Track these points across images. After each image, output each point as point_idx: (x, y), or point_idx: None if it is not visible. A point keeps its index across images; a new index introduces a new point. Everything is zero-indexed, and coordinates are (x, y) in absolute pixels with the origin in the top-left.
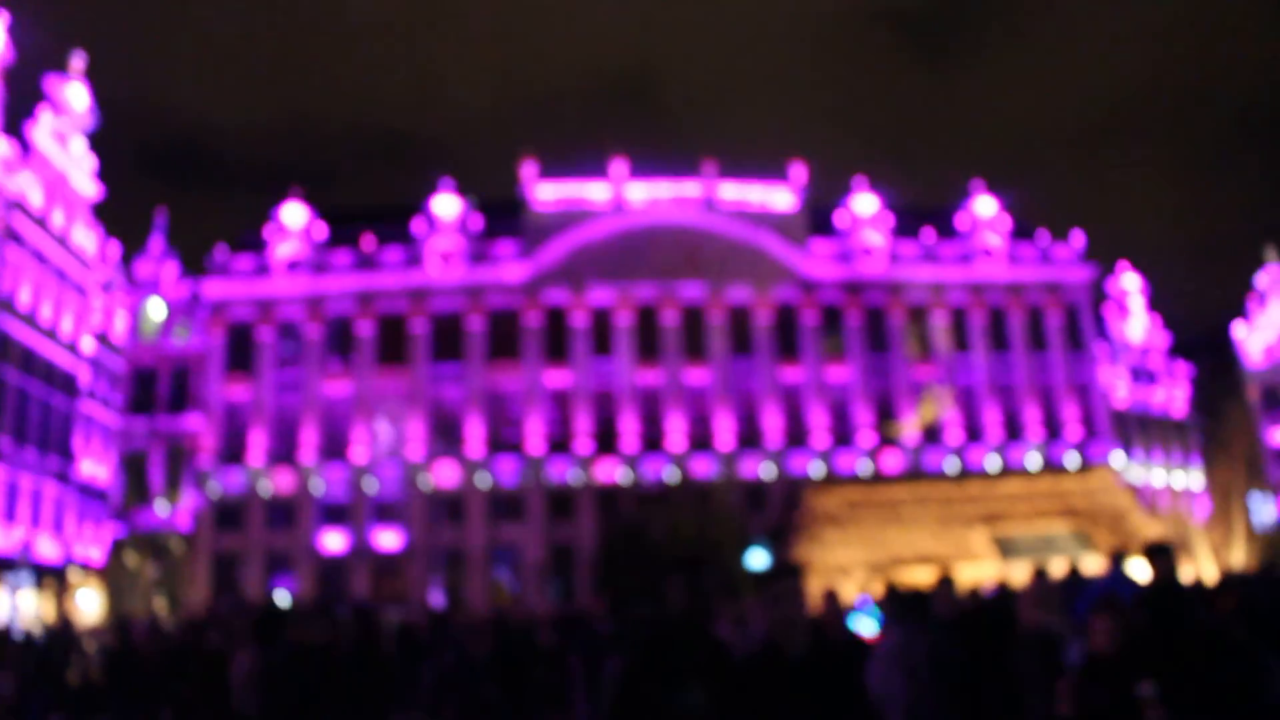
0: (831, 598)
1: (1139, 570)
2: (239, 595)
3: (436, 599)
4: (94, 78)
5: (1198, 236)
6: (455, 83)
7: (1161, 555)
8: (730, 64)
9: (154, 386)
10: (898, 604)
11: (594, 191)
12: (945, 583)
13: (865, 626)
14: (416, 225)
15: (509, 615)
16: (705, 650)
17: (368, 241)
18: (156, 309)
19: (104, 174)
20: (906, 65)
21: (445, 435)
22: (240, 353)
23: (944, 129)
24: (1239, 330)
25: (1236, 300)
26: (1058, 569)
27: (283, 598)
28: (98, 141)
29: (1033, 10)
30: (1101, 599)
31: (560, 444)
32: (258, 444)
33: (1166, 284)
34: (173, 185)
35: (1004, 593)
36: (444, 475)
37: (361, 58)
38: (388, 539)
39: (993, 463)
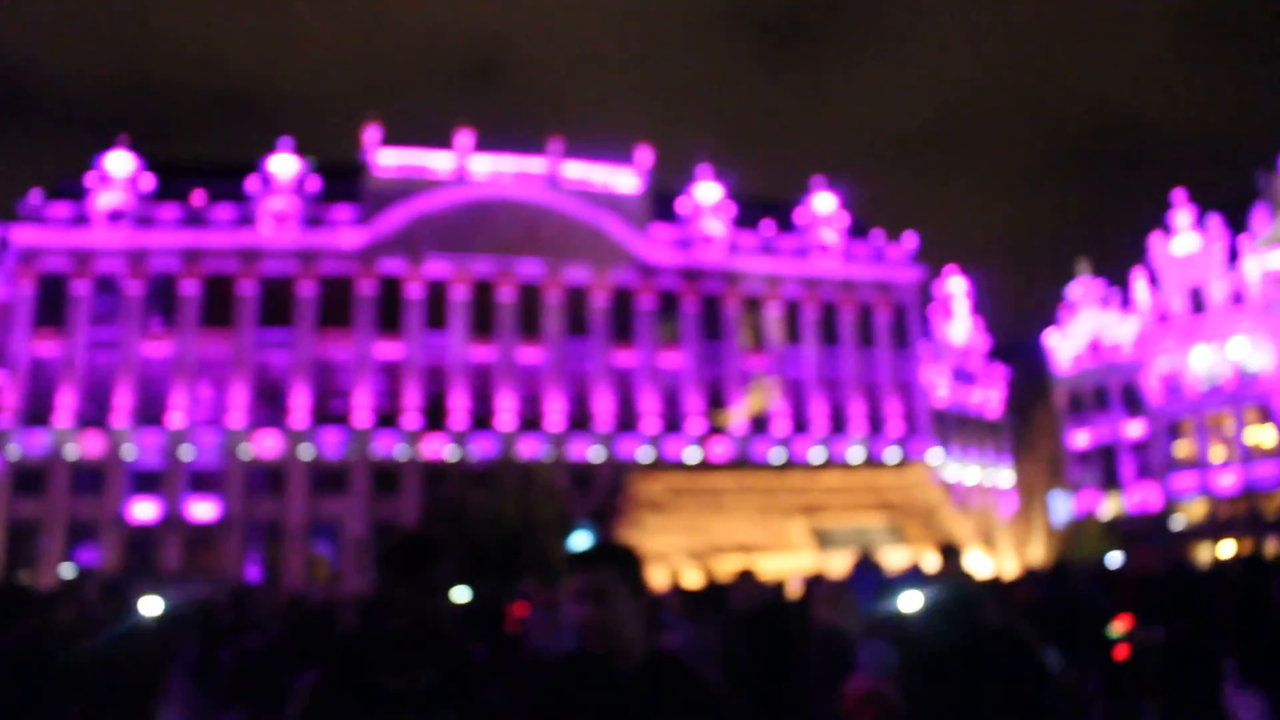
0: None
1: (930, 565)
2: None
3: (253, 574)
4: None
5: (1020, 245)
6: (305, 49)
7: (950, 554)
8: (581, 48)
9: None
10: (690, 599)
11: (437, 161)
12: (744, 576)
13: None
14: (251, 184)
15: (305, 596)
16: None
17: (198, 197)
18: None
19: None
20: (754, 63)
21: (269, 403)
22: (51, 306)
23: (788, 126)
24: (1051, 338)
25: (1050, 309)
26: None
27: (69, 570)
28: None
29: (878, 18)
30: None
31: (388, 418)
32: (65, 404)
33: (989, 289)
34: None
35: (809, 586)
36: (266, 445)
37: (210, 16)
38: (203, 510)
39: (817, 455)
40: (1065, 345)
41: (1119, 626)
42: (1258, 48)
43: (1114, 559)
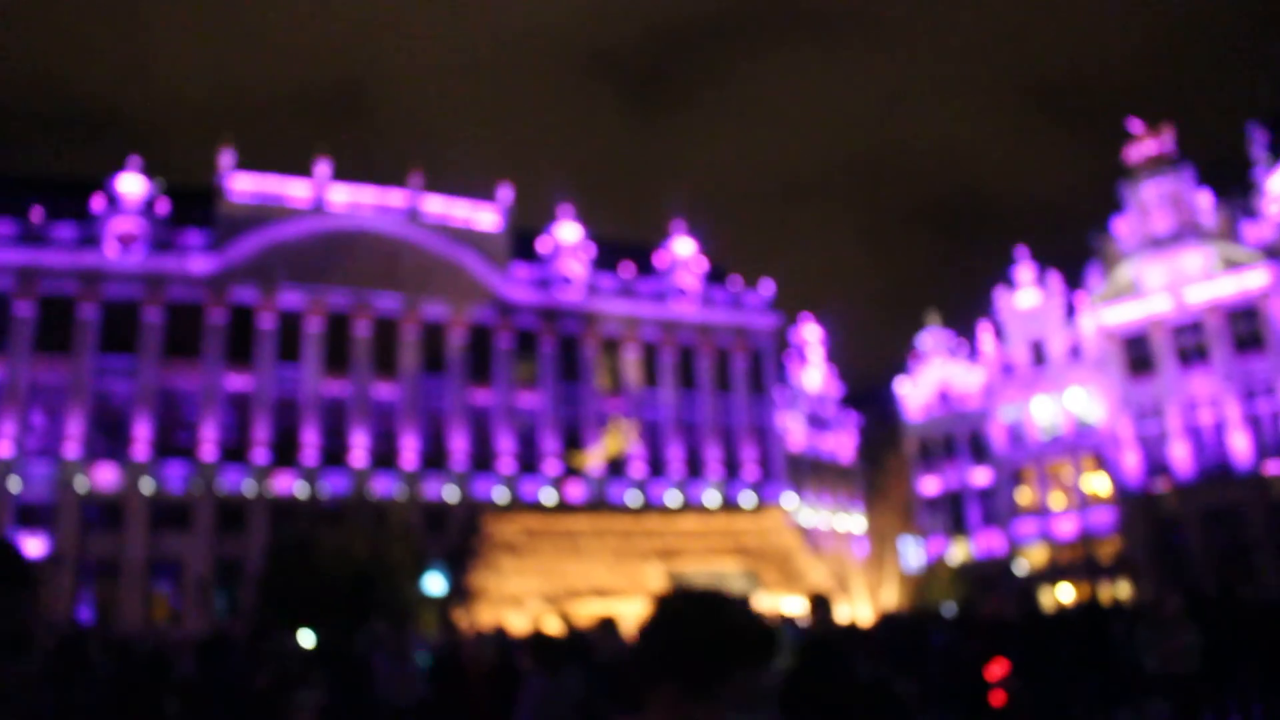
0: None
1: (797, 610)
2: None
3: (85, 615)
4: None
5: (873, 296)
6: (163, 71)
7: (821, 605)
8: (443, 89)
9: None
10: (547, 649)
11: (294, 189)
12: (606, 624)
13: None
14: (96, 203)
15: (133, 641)
16: None
17: (36, 213)
18: None
19: None
20: (617, 110)
21: (108, 434)
22: None
23: (649, 172)
24: (902, 386)
25: (901, 358)
26: None
27: None
28: None
29: (737, 73)
30: None
31: (236, 451)
32: None
33: (843, 338)
34: None
35: None
36: (103, 477)
37: (61, 35)
38: (31, 545)
39: (673, 498)
40: (915, 393)
41: (995, 672)
42: (1094, 121)
43: (949, 607)
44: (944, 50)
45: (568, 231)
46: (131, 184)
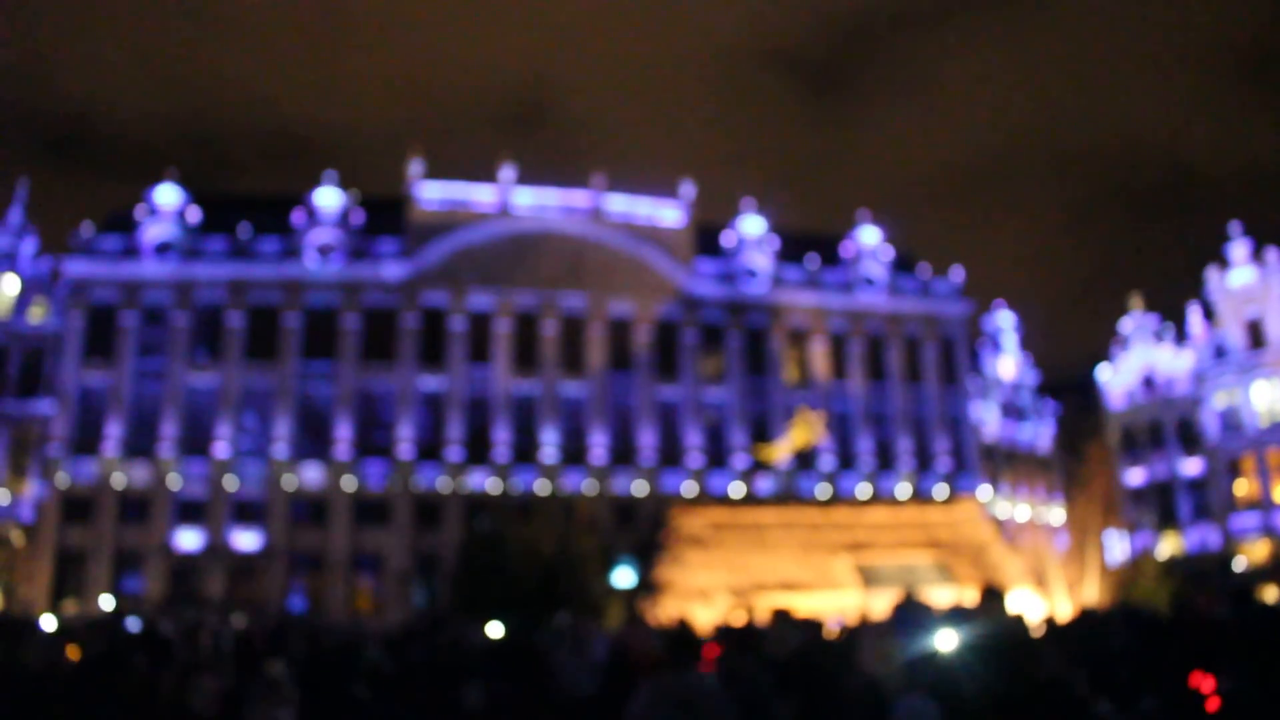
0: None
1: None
2: None
3: (296, 604)
4: None
5: (1069, 281)
6: (352, 91)
7: (992, 598)
8: (624, 92)
9: (4, 367)
10: (722, 641)
11: (480, 194)
12: (779, 616)
13: (944, 640)
14: (296, 217)
15: (323, 626)
16: None
17: (244, 229)
18: (10, 285)
19: None
20: (795, 104)
21: (313, 435)
22: (100, 337)
23: (830, 164)
24: (1103, 373)
25: (1102, 344)
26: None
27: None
28: None
29: (916, 62)
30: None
31: (430, 450)
32: (113, 434)
33: (1038, 325)
34: (49, 165)
35: (852, 630)
36: (309, 476)
37: (262, 59)
38: (246, 539)
39: (863, 491)
40: (1118, 380)
41: (1204, 681)
42: None
43: (1150, 605)
44: (1136, 22)
45: (751, 225)
46: (328, 197)
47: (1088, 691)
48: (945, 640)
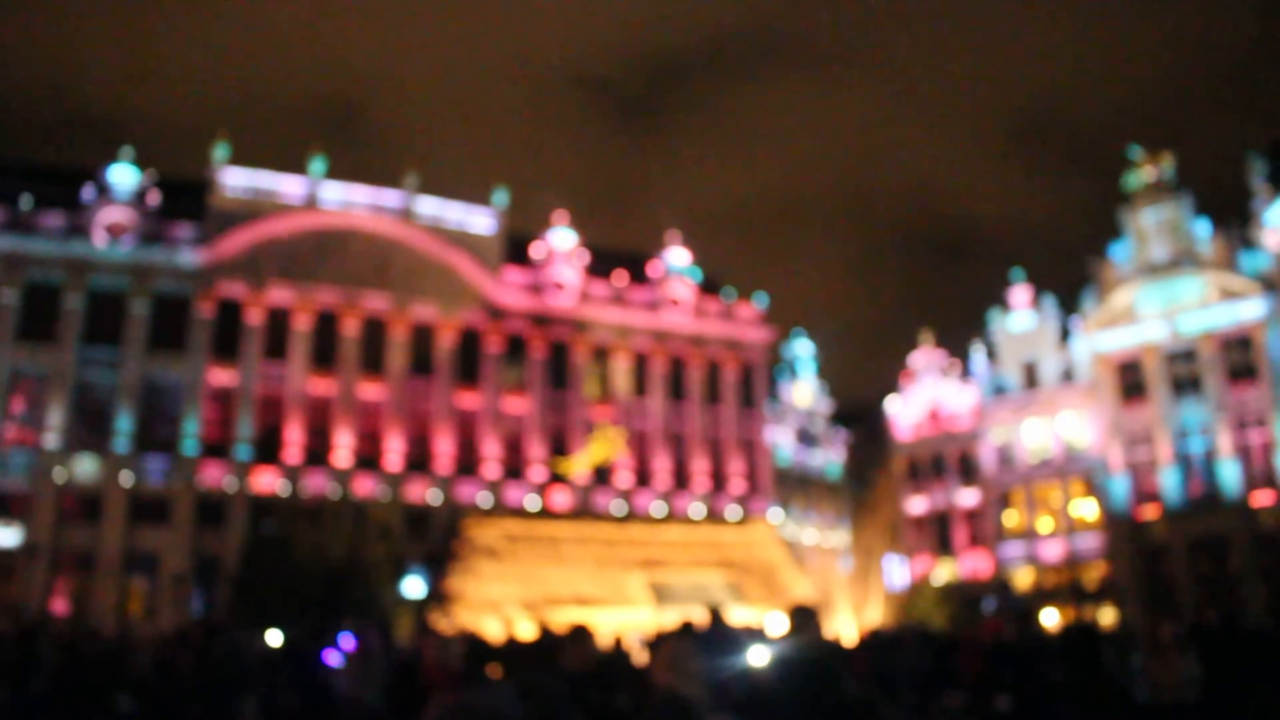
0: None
1: (777, 625)
2: None
3: (59, 606)
4: None
5: (864, 316)
6: (160, 75)
7: (804, 617)
8: (440, 99)
9: None
10: (514, 654)
11: (287, 185)
12: (578, 632)
13: (756, 656)
14: (86, 193)
15: (86, 632)
16: None
17: (25, 200)
18: None
19: None
20: (610, 128)
21: (89, 425)
22: None
23: (642, 188)
24: (892, 404)
25: (892, 377)
26: (702, 619)
27: None
28: None
29: (726, 99)
30: None
31: (218, 447)
32: None
33: (833, 355)
34: None
35: (649, 645)
36: (82, 469)
37: (60, 33)
38: (5, 535)
39: (659, 509)
40: (906, 412)
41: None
42: (1089, 151)
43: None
44: (934, 83)
45: (561, 238)
46: (122, 174)
47: (891, 710)
48: (757, 657)
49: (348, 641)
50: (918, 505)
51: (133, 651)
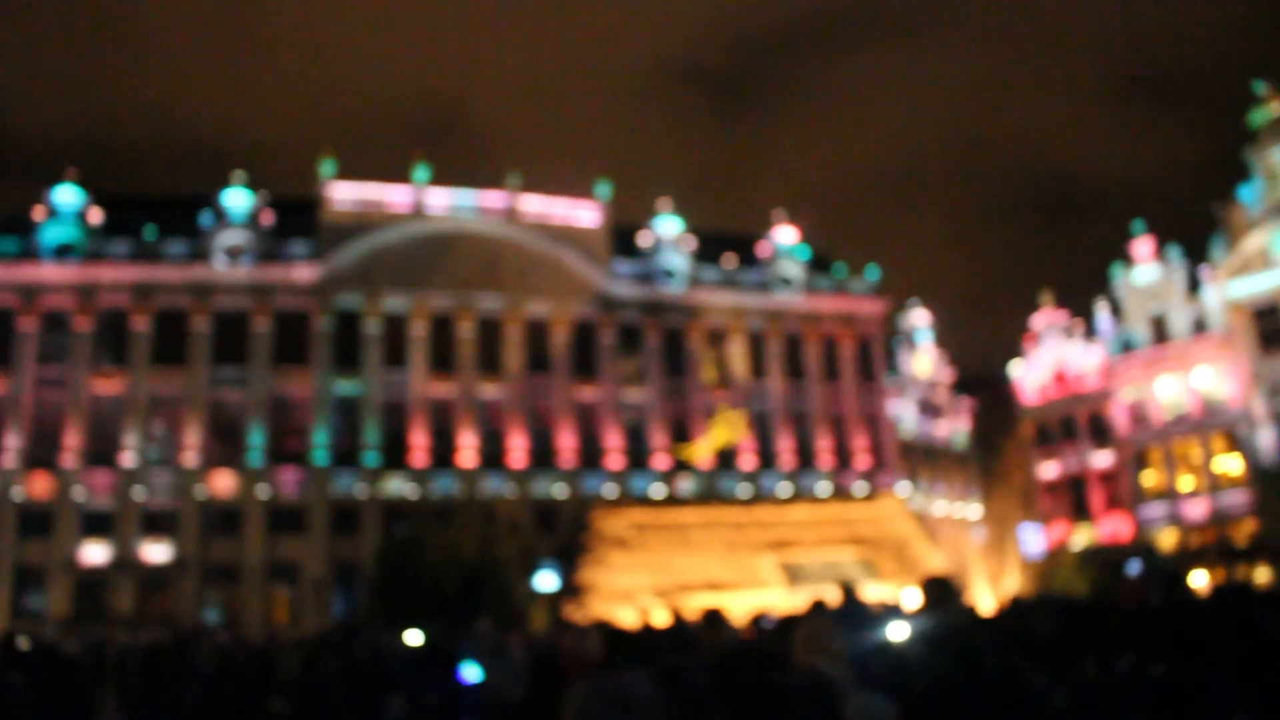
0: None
1: (913, 599)
2: None
3: (211, 617)
4: None
5: (981, 280)
6: (263, 97)
7: (940, 589)
8: (537, 99)
9: None
10: (649, 641)
11: (393, 195)
12: (712, 616)
13: (896, 631)
14: (204, 218)
15: (236, 638)
16: None
17: (149, 231)
18: None
19: None
20: (708, 112)
21: (224, 442)
22: None
23: (745, 169)
24: (1016, 369)
25: (1014, 341)
26: (835, 597)
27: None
28: None
29: (822, 74)
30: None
31: (347, 456)
32: (11, 445)
33: (951, 323)
34: None
35: (785, 625)
36: (221, 484)
37: (169, 64)
38: (156, 551)
39: (785, 489)
40: (1031, 376)
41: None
42: (1203, 97)
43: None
44: (1034, 39)
45: (667, 225)
46: (237, 198)
47: (1039, 679)
48: (896, 632)
49: (471, 673)
50: (1049, 470)
51: (280, 656)
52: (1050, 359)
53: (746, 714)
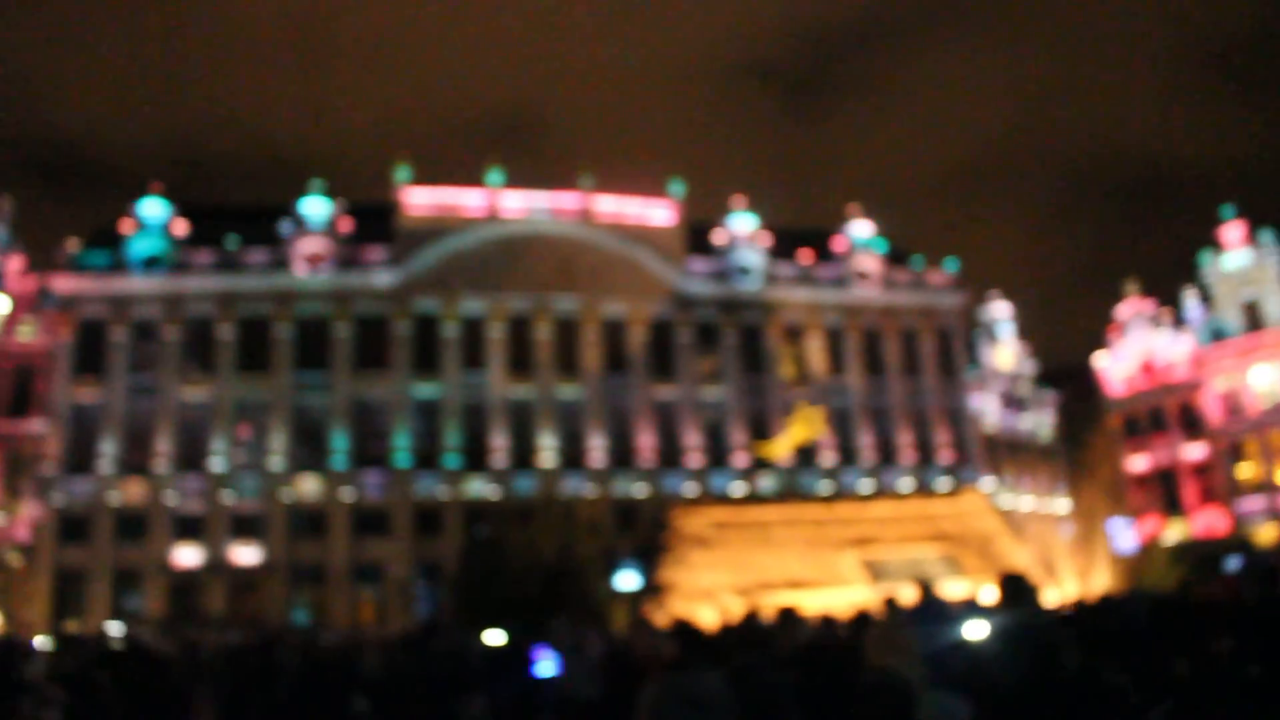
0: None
1: (990, 596)
2: None
3: (299, 617)
4: None
5: (1063, 271)
6: (337, 104)
7: (1015, 586)
8: (608, 99)
9: None
10: (690, 642)
11: (468, 199)
12: (785, 614)
13: (973, 629)
14: (284, 227)
15: (318, 638)
16: None
17: (231, 241)
18: None
19: None
20: (780, 108)
21: (308, 446)
22: (91, 353)
23: (819, 164)
24: (1101, 360)
25: (1099, 332)
26: (909, 596)
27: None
28: None
29: (895, 66)
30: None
31: (428, 458)
32: (107, 451)
33: (1034, 314)
34: (35, 187)
35: (859, 624)
36: (306, 488)
37: (244, 74)
38: (245, 554)
39: (866, 485)
40: (1117, 367)
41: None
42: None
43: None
44: (1113, 22)
45: (742, 222)
46: (315, 206)
47: (1117, 679)
48: (973, 630)
49: (544, 653)
50: (1139, 463)
51: (362, 655)
52: (1137, 349)
53: (819, 714)
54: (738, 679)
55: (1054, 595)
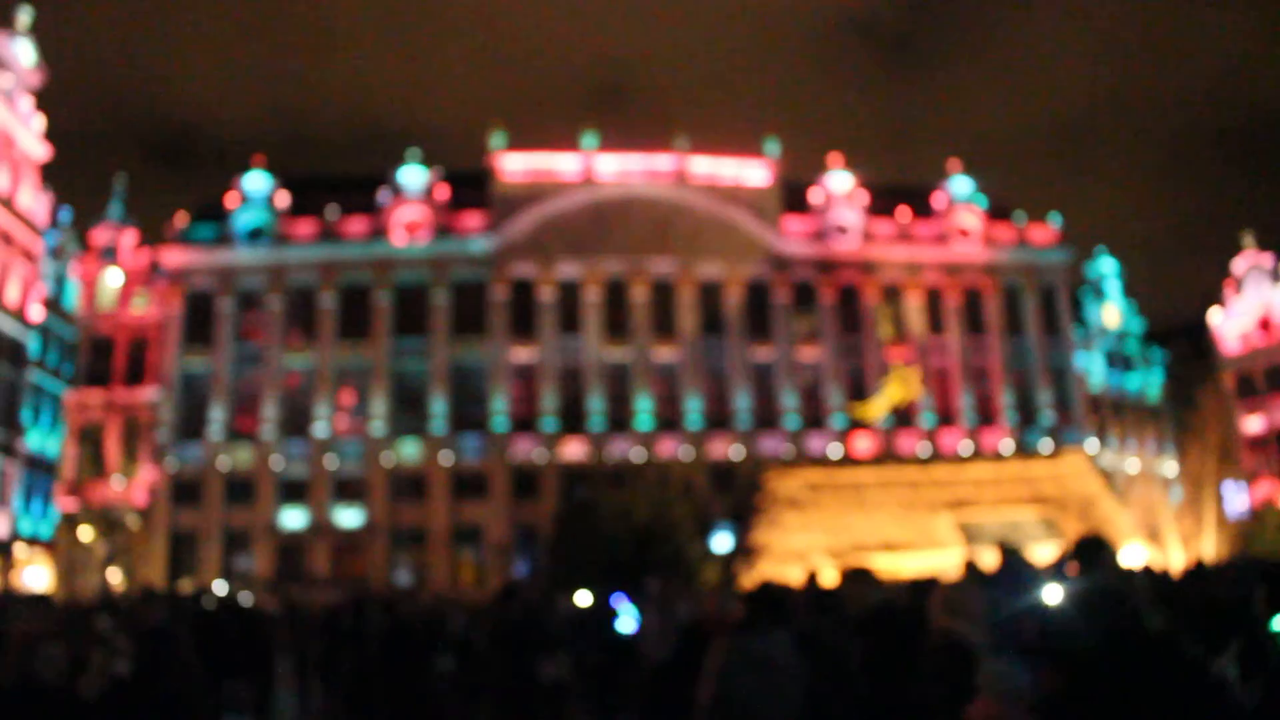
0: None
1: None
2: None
3: (401, 579)
4: (47, 36)
5: (1172, 225)
6: (432, 72)
7: (1092, 550)
8: (702, 61)
9: (110, 357)
10: (758, 602)
11: (563, 163)
12: (855, 575)
13: (1051, 594)
14: (382, 196)
15: (407, 599)
16: None
17: (331, 211)
18: (113, 277)
19: (66, 144)
20: (875, 66)
21: (409, 411)
22: (200, 324)
23: (916, 121)
24: (1215, 317)
25: (1212, 287)
26: (991, 560)
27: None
28: (83, 121)
29: (992, 22)
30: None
31: (525, 422)
32: (216, 418)
33: (1142, 270)
34: (147, 165)
35: (924, 587)
36: (407, 452)
37: (344, 55)
38: (348, 517)
39: (965, 447)
40: (1232, 324)
41: None
42: None
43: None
44: None
45: (839, 181)
46: (412, 175)
47: (1199, 649)
48: (1051, 595)
49: (623, 604)
50: (1254, 424)
51: (448, 616)
52: (1254, 305)
53: (882, 676)
54: (803, 641)
55: (1156, 559)
